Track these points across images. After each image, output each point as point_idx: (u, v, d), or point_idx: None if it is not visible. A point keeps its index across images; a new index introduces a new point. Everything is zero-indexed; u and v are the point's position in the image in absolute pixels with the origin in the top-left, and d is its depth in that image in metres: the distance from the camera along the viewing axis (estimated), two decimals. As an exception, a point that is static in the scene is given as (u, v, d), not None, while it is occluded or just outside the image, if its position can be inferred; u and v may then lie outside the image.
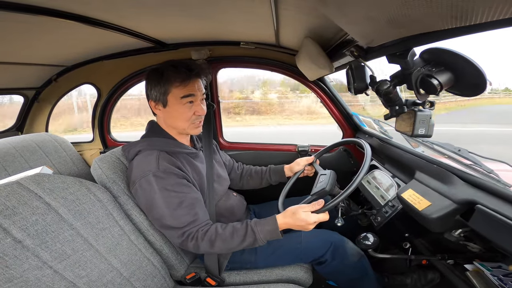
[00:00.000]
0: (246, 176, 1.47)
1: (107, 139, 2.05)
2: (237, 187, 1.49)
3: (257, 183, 1.46)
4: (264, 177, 1.44)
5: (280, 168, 1.42)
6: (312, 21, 0.94)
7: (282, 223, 0.95)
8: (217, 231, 0.96)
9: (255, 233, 0.94)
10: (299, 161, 1.38)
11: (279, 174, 1.42)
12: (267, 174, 1.44)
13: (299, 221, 0.92)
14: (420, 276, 1.23)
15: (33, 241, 0.71)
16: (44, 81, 1.96)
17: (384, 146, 1.37)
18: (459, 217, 0.78)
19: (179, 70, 1.01)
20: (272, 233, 0.94)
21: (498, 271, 0.77)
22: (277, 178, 1.43)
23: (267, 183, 1.45)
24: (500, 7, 0.31)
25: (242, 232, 0.95)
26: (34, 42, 1.26)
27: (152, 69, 1.05)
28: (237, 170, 1.48)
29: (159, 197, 0.95)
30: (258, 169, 1.48)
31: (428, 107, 0.89)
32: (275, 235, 0.95)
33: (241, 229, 0.96)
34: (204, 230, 0.97)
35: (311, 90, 1.72)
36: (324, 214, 0.94)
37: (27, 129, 2.12)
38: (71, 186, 0.88)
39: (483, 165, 0.89)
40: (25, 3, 0.83)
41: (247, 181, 1.47)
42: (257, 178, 1.45)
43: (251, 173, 1.47)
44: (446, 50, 0.63)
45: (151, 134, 1.10)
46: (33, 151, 1.76)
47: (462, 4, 0.33)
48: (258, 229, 0.94)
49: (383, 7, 0.45)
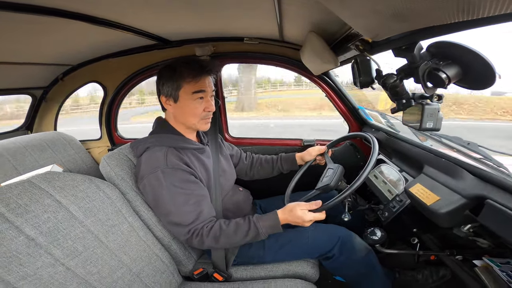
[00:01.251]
0: (257, 165, 1.47)
1: (115, 137, 2.08)
2: (247, 177, 1.49)
3: (269, 172, 1.46)
4: (275, 165, 1.44)
5: (292, 156, 1.42)
6: (316, 16, 0.93)
7: (282, 219, 1.00)
8: (221, 227, 0.99)
9: (258, 228, 0.99)
10: (311, 150, 1.38)
11: (291, 162, 1.42)
12: (279, 162, 1.44)
13: (296, 218, 0.98)
14: (432, 272, 1.21)
15: (46, 239, 0.73)
16: (51, 81, 1.99)
17: (391, 140, 1.35)
18: (468, 212, 0.77)
19: (192, 67, 1.03)
20: (274, 228, 1.00)
21: (507, 267, 0.76)
22: (288, 166, 1.43)
23: (278, 172, 1.45)
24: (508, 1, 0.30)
25: (245, 228, 0.99)
26: (41, 42, 1.28)
27: (165, 65, 1.07)
28: (245, 160, 1.48)
29: (167, 193, 0.97)
30: (269, 157, 1.48)
31: (436, 100, 0.87)
32: (276, 229, 1.00)
33: (244, 224, 0.99)
34: (209, 226, 0.99)
35: (316, 84, 1.71)
36: (321, 214, 0.98)
37: (36, 128, 2.16)
38: (81, 183, 0.90)
39: (493, 159, 0.87)
40: (32, 4, 0.84)
41: (258, 170, 1.47)
42: (268, 167, 1.45)
43: (261, 162, 1.47)
44: (453, 44, 0.61)
45: (159, 131, 1.12)
46: (42, 149, 1.79)
47: (469, -3, 0.32)
48: (260, 225, 0.99)
49: (388, 0, 0.44)
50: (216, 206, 1.11)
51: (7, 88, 1.84)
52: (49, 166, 1.50)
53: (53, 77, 1.96)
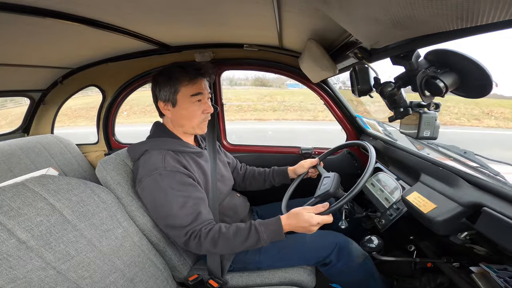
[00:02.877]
0: (250, 177, 1.47)
1: (112, 141, 2.07)
2: (240, 188, 1.49)
3: (260, 184, 1.46)
4: (267, 178, 1.44)
5: (284, 170, 1.42)
6: (315, 23, 0.94)
7: (285, 224, 0.95)
8: (221, 230, 0.96)
9: (259, 232, 0.94)
10: (303, 163, 1.38)
11: (283, 176, 1.42)
12: (271, 175, 1.44)
13: (303, 222, 0.93)
14: (429, 279, 1.21)
15: (37, 242, 0.72)
16: (50, 83, 1.99)
17: (389, 149, 1.36)
18: (465, 219, 0.77)
19: (187, 70, 1.04)
20: (276, 233, 0.94)
21: (504, 273, 0.76)
22: (280, 180, 1.42)
23: (270, 185, 1.45)
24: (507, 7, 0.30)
25: (245, 232, 0.94)
26: (41, 44, 1.28)
27: (158, 71, 1.07)
28: (239, 171, 1.48)
29: (165, 195, 0.96)
30: (262, 170, 1.48)
31: (433, 109, 0.88)
32: (279, 236, 0.94)
33: (245, 228, 0.95)
34: (207, 229, 0.96)
35: (314, 92, 1.72)
36: (328, 216, 0.94)
37: (33, 131, 2.15)
38: (76, 187, 0.89)
39: (489, 167, 0.88)
40: (33, 6, 0.84)
41: (250, 182, 1.47)
42: (260, 179, 1.45)
43: (254, 174, 1.47)
44: (451, 52, 0.62)
45: (157, 134, 1.12)
46: (38, 152, 1.78)
47: (468, 5, 0.33)
48: (262, 229, 0.94)
49: (388, 8, 0.44)
50: (213, 211, 1.10)
51: (6, 90, 1.84)
52: (44, 170, 1.48)
53: (53, 80, 1.96)
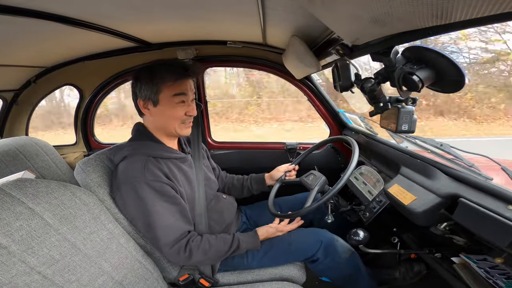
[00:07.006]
0: (228, 185, 1.44)
1: (91, 142, 2.00)
2: None
3: (239, 193, 1.42)
4: (245, 185, 1.41)
5: (261, 177, 1.40)
6: (299, 20, 0.95)
7: (261, 235, 1.12)
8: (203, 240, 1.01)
9: (239, 241, 1.06)
10: (279, 167, 1.38)
11: (260, 182, 1.40)
12: (248, 182, 1.41)
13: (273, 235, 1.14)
14: (407, 268, 1.25)
15: (19, 247, 0.69)
16: (23, 83, 1.89)
17: (370, 142, 1.40)
18: (443, 210, 0.80)
19: (173, 69, 1.00)
20: (253, 240, 1.09)
21: (484, 263, 0.78)
22: (258, 187, 1.40)
23: (248, 193, 1.42)
24: (479, 5, 0.32)
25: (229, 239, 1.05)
26: (12, 43, 1.21)
27: (141, 67, 1.03)
28: (224, 179, 1.45)
29: (143, 206, 0.93)
30: (240, 177, 1.45)
31: (410, 103, 0.92)
32: (256, 246, 1.10)
33: (228, 239, 1.05)
34: (194, 241, 1.00)
35: (298, 88, 1.74)
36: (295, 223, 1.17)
37: (7, 133, 2.04)
38: (55, 190, 0.85)
39: (464, 159, 0.92)
40: (3, 4, 0.80)
41: (228, 189, 1.43)
42: (239, 187, 1.42)
43: (233, 182, 1.44)
44: (426, 48, 0.65)
45: (138, 137, 1.07)
46: (13, 155, 1.69)
47: (443, 3, 0.34)
48: (241, 238, 1.07)
49: (368, 6, 0.46)
50: (199, 217, 1.09)
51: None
52: (20, 173, 1.41)
53: (25, 79, 1.86)
